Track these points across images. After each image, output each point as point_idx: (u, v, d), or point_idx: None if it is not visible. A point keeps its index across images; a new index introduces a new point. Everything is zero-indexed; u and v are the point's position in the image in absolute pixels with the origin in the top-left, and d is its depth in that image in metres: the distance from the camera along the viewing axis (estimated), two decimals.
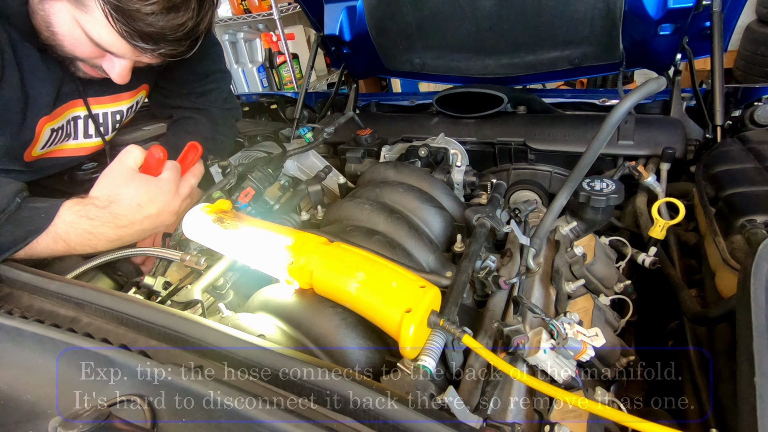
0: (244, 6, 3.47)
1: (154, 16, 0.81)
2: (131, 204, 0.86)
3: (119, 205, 0.86)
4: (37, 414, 0.49)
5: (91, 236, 0.84)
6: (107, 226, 0.85)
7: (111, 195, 0.86)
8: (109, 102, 1.13)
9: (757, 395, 0.45)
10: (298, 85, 3.63)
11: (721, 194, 0.85)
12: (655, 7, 1.14)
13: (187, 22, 0.85)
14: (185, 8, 0.84)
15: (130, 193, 0.87)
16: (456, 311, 0.67)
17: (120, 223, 0.86)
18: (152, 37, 0.84)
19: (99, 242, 0.85)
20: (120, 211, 0.85)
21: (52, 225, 0.81)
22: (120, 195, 0.86)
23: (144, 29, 0.82)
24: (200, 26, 0.89)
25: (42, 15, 0.84)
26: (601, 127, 0.69)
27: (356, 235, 0.84)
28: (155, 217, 0.90)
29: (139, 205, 0.87)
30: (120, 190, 0.87)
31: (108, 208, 0.85)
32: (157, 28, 0.82)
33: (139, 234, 0.90)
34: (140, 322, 0.60)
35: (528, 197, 1.22)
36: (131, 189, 0.87)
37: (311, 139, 1.28)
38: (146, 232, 0.91)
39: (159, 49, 0.87)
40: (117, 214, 0.85)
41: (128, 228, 0.87)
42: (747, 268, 0.56)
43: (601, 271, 0.89)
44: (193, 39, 0.90)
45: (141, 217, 0.87)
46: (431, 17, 1.37)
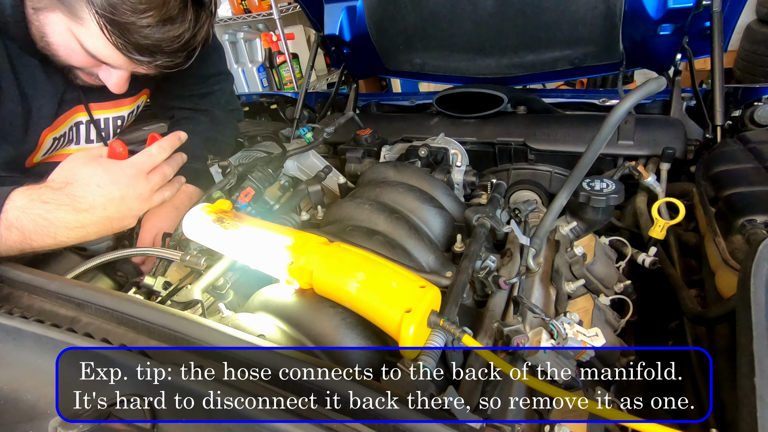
0: (244, 6, 3.47)
1: (150, 29, 0.79)
2: (90, 184, 0.78)
3: (77, 186, 0.78)
4: (37, 414, 0.49)
5: (47, 222, 0.75)
6: (64, 209, 0.76)
7: (68, 176, 0.79)
8: (110, 107, 1.13)
9: (757, 395, 0.45)
10: (298, 85, 3.63)
11: (721, 194, 0.85)
12: (655, 7, 1.14)
13: (183, 34, 0.84)
14: (181, 20, 0.82)
15: (89, 173, 0.79)
16: (456, 311, 0.67)
17: (79, 206, 0.77)
18: (148, 50, 0.82)
19: (57, 230, 0.76)
20: (78, 193, 0.77)
21: (2, 212, 0.73)
22: (78, 175, 0.79)
23: (139, 42, 0.80)
24: (197, 38, 0.87)
25: (37, 25, 0.83)
26: (601, 127, 0.69)
27: (356, 235, 0.84)
28: (119, 202, 0.81)
29: (98, 185, 0.78)
30: (78, 170, 0.79)
31: (64, 189, 0.77)
32: (153, 40, 0.81)
33: (104, 223, 0.81)
34: (140, 322, 0.59)
35: (528, 197, 1.22)
36: (89, 169, 0.79)
37: (311, 139, 1.28)
38: (112, 221, 0.82)
39: (155, 61, 0.85)
40: (74, 195, 0.77)
41: (89, 213, 0.78)
42: (747, 268, 0.56)
43: (601, 271, 0.89)
44: (190, 50, 0.89)
45: (103, 200, 0.79)
46: (431, 17, 1.37)
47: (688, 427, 0.63)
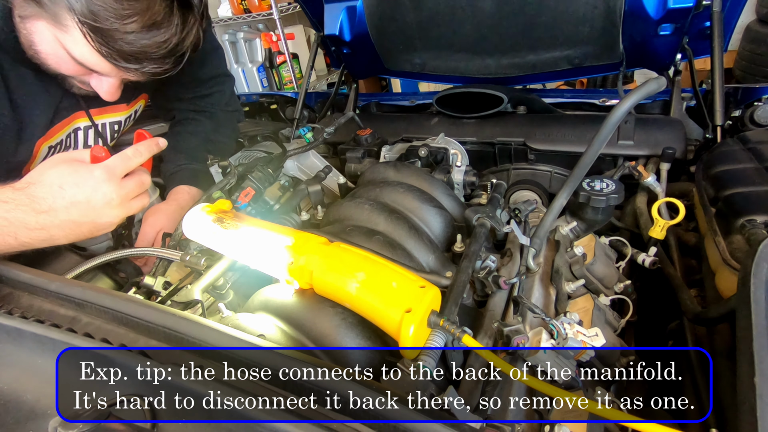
0: (244, 6, 3.46)
1: (134, 35, 0.77)
2: (52, 185, 0.75)
3: (39, 186, 0.75)
4: (37, 414, 0.49)
5: (6, 222, 0.72)
6: (23, 210, 0.73)
7: (34, 177, 0.76)
8: (107, 112, 1.12)
9: (757, 395, 0.45)
10: (298, 85, 3.63)
11: (721, 194, 0.85)
12: (655, 7, 1.14)
13: (170, 39, 0.82)
14: (167, 25, 0.80)
15: (54, 174, 0.76)
16: (456, 311, 0.67)
17: (39, 208, 0.74)
18: (134, 56, 0.80)
19: (17, 230, 0.73)
20: (38, 193, 0.74)
21: None
22: (42, 176, 0.76)
23: (124, 49, 0.78)
24: (185, 42, 0.85)
25: (24, 34, 0.82)
26: (601, 127, 0.69)
27: (356, 235, 0.84)
28: (85, 205, 0.77)
29: (60, 187, 0.75)
30: (45, 171, 0.76)
31: (26, 189, 0.74)
32: (138, 47, 0.79)
33: (70, 227, 0.77)
34: (140, 322, 0.59)
35: (528, 197, 1.22)
36: (56, 170, 0.76)
37: (311, 139, 1.28)
38: (80, 226, 0.78)
39: (143, 68, 0.83)
40: (35, 196, 0.74)
41: (50, 215, 0.74)
42: (747, 268, 0.56)
43: (601, 271, 0.89)
44: (178, 56, 0.87)
45: (65, 202, 0.75)
46: (431, 17, 1.37)
47: (688, 427, 0.63)
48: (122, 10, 0.75)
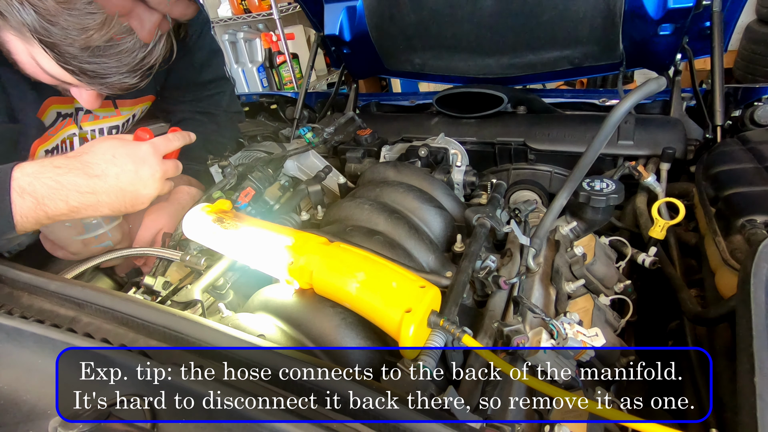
0: (244, 6, 3.47)
1: (91, 52, 0.74)
2: (105, 153, 0.79)
3: (91, 154, 0.78)
4: (37, 414, 0.49)
5: (58, 185, 0.75)
6: (76, 173, 0.76)
7: (84, 149, 0.79)
8: (104, 119, 1.12)
9: (757, 395, 0.45)
10: (298, 85, 3.63)
11: (721, 194, 0.85)
12: (655, 7, 1.14)
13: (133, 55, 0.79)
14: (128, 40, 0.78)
15: (105, 146, 0.80)
16: (456, 311, 0.67)
17: (92, 172, 0.77)
18: (96, 73, 0.78)
19: (69, 193, 0.76)
20: (91, 160, 0.77)
21: (13, 180, 0.73)
22: (93, 147, 0.79)
23: (84, 66, 0.76)
24: (150, 57, 0.83)
25: (3, 43, 0.80)
26: (601, 127, 0.69)
27: (356, 235, 0.84)
28: (133, 174, 0.80)
29: (113, 156, 0.79)
30: (95, 144, 0.80)
31: (78, 156, 0.78)
32: (97, 64, 0.76)
33: (117, 194, 0.80)
34: (140, 322, 0.59)
35: (528, 197, 1.22)
36: (106, 143, 0.80)
37: (310, 139, 1.27)
38: (125, 194, 0.81)
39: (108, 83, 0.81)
40: (87, 161, 0.77)
41: (101, 179, 0.78)
42: (747, 268, 0.56)
43: (601, 271, 0.89)
44: (145, 70, 0.84)
45: (116, 169, 0.79)
46: (431, 17, 1.37)
47: (688, 427, 0.63)
48: (76, 25, 0.72)
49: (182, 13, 0.87)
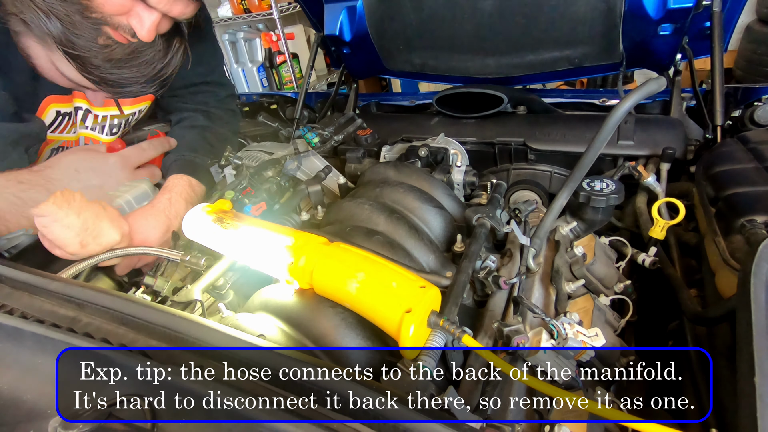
0: (244, 6, 3.46)
1: (113, 64, 0.76)
2: (68, 168, 0.77)
3: (55, 169, 0.77)
4: (37, 414, 0.49)
5: (20, 202, 0.73)
6: (36, 190, 0.74)
7: (50, 162, 0.78)
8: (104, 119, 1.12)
9: (757, 395, 0.45)
10: (298, 85, 3.63)
11: (721, 194, 0.85)
12: (655, 7, 1.14)
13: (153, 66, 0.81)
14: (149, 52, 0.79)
15: (70, 159, 0.78)
16: (456, 311, 0.67)
17: (53, 188, 0.76)
18: (117, 83, 0.80)
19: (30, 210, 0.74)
20: (54, 176, 0.76)
21: None
22: (59, 161, 0.78)
23: (105, 76, 0.77)
24: (169, 67, 0.85)
25: (21, 47, 0.82)
26: (601, 127, 0.69)
27: (356, 235, 0.84)
28: (98, 190, 0.79)
29: (76, 170, 0.78)
30: (62, 158, 0.79)
31: (42, 171, 0.76)
32: (118, 75, 0.78)
33: None
34: (140, 322, 0.59)
35: (528, 197, 1.22)
36: (73, 156, 0.79)
37: (311, 139, 1.27)
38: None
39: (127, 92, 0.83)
40: (50, 177, 0.76)
41: None
42: (747, 268, 0.56)
43: (601, 271, 0.89)
44: (163, 79, 0.86)
45: (78, 185, 0.77)
46: (431, 17, 1.37)
47: (688, 427, 0.62)
48: (100, 40, 0.73)
49: (181, 12, 0.88)
